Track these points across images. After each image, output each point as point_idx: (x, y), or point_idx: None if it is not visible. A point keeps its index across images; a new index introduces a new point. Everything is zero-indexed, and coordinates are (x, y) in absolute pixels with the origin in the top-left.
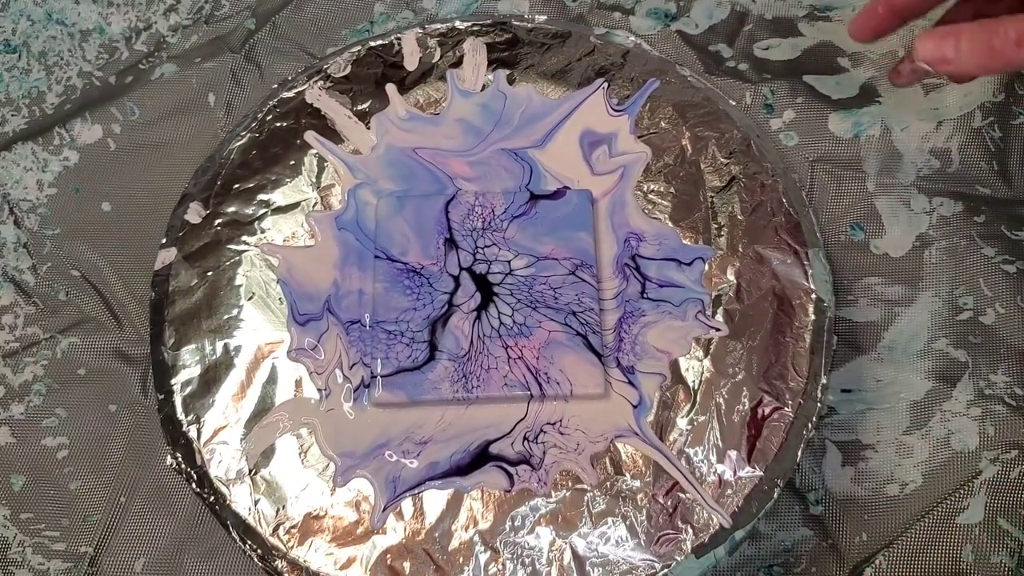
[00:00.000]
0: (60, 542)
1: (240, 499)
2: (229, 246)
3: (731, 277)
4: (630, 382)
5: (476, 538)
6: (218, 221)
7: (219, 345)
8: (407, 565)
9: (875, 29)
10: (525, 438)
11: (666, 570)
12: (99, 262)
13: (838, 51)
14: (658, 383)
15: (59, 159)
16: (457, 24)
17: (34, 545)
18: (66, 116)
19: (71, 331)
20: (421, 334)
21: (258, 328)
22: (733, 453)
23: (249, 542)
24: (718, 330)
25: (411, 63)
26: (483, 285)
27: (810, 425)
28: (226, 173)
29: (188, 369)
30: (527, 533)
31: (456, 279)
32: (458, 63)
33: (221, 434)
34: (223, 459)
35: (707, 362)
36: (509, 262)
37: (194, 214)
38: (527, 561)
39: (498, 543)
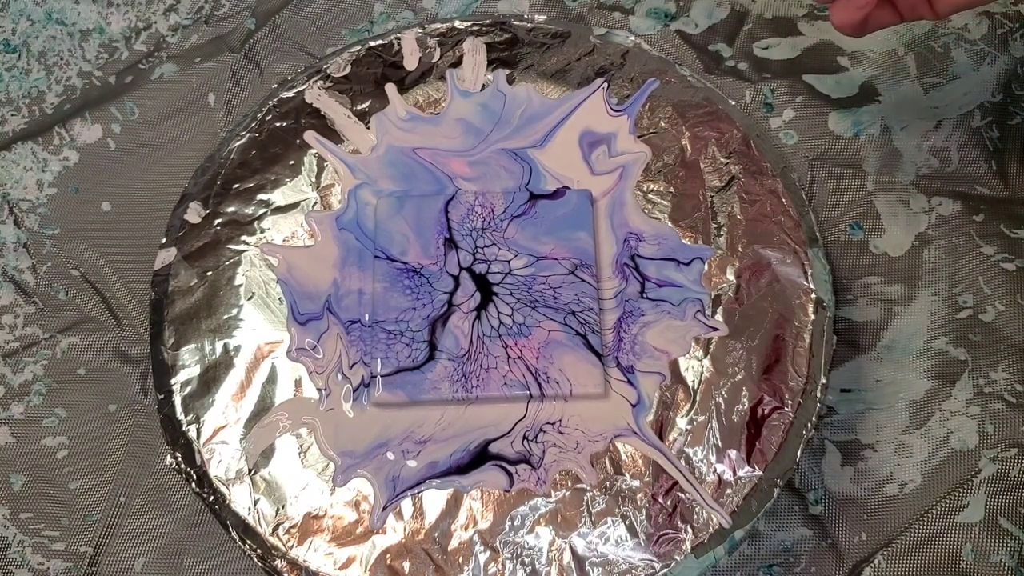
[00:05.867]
0: (60, 542)
1: (240, 499)
2: (229, 246)
3: (731, 277)
4: (629, 382)
5: (476, 538)
6: (218, 221)
7: (219, 345)
8: (407, 565)
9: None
10: (525, 437)
11: (666, 570)
12: (99, 262)
13: (838, 50)
14: (658, 383)
15: (59, 159)
16: (457, 24)
17: (34, 545)
18: (66, 116)
19: (71, 331)
20: (421, 334)
21: (258, 328)
22: (733, 453)
23: (249, 542)
24: (717, 330)
25: (411, 63)
26: (483, 285)
27: (809, 425)
28: (226, 173)
29: (188, 369)
30: (527, 533)
31: (456, 279)
32: (458, 63)
33: (221, 434)
34: (223, 459)
35: (707, 362)
36: (509, 262)
37: (194, 214)
38: (527, 561)
39: (498, 543)
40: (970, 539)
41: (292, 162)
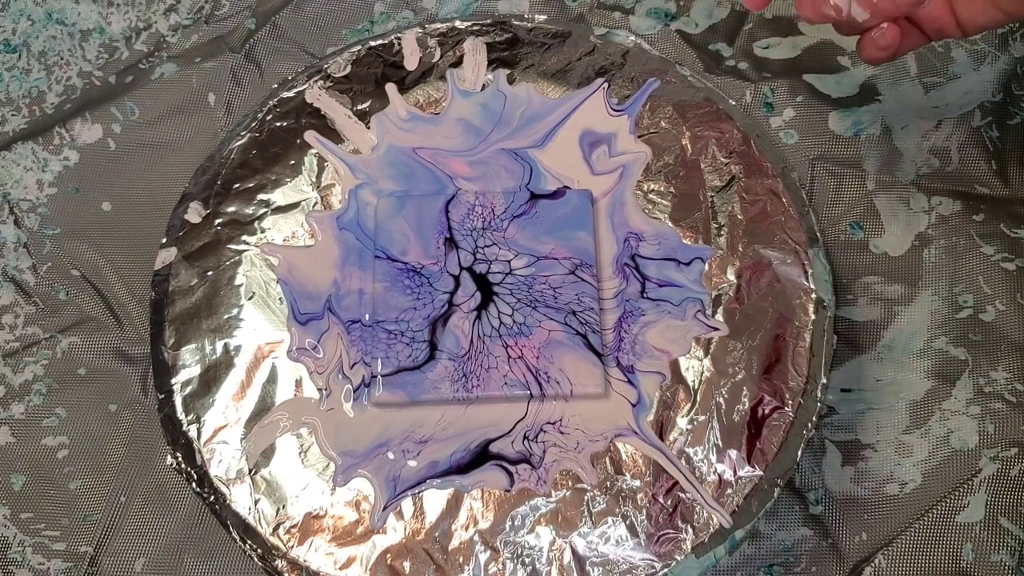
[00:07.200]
0: (60, 542)
1: (240, 499)
2: (229, 246)
3: (731, 277)
4: (630, 381)
5: (476, 537)
6: (218, 221)
7: (219, 345)
8: (407, 565)
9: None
10: (525, 437)
11: (666, 570)
12: (99, 262)
13: (838, 49)
14: (658, 382)
15: (59, 159)
16: (457, 24)
17: (34, 545)
18: (66, 116)
19: (71, 331)
20: (421, 333)
21: (258, 328)
22: (733, 453)
23: (249, 542)
24: (717, 329)
25: (411, 63)
26: (483, 285)
27: (810, 425)
28: (226, 173)
29: (188, 369)
30: (527, 532)
31: (456, 279)
32: (458, 63)
33: (221, 434)
34: (223, 459)
35: (707, 362)
36: (509, 262)
37: (194, 214)
38: (527, 561)
39: (498, 543)
40: (971, 539)
41: (292, 162)
